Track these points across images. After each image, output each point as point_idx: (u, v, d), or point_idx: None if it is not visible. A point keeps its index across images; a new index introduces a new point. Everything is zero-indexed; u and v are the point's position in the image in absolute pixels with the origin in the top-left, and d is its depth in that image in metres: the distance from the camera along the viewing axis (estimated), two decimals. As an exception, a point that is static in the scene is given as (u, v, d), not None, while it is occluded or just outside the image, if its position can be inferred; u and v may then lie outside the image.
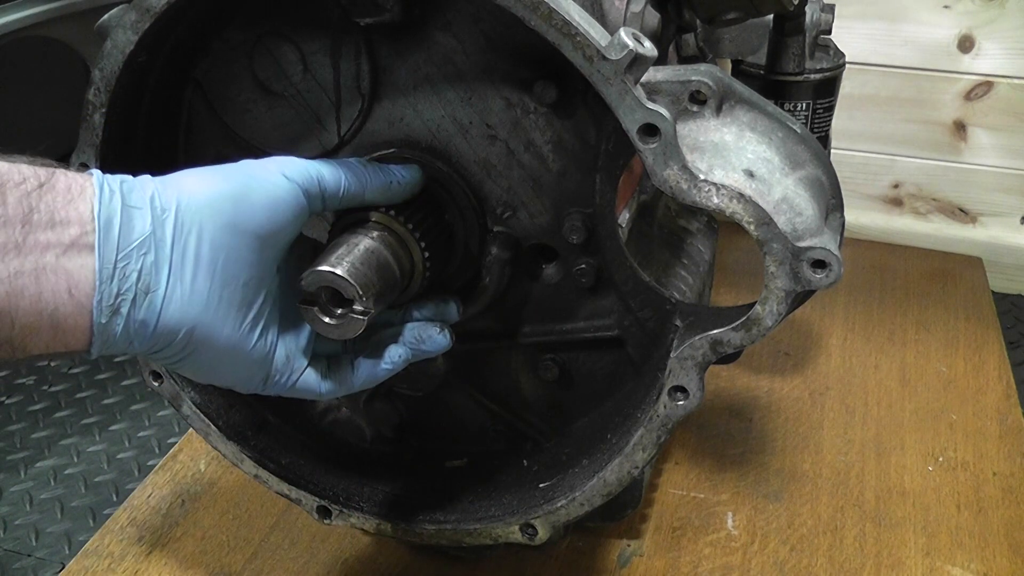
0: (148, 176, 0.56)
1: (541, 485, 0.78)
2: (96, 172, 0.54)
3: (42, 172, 0.51)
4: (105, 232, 0.51)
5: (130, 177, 0.55)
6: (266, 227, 0.58)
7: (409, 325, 0.70)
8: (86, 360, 1.57)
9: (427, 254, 0.68)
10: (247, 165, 0.61)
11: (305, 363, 0.65)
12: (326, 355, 0.67)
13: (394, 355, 0.68)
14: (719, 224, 1.04)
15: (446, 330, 0.71)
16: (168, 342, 0.56)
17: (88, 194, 0.52)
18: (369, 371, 0.68)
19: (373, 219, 0.67)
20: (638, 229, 0.89)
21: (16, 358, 0.51)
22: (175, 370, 0.62)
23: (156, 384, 0.80)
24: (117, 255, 0.52)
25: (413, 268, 0.68)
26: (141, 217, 0.53)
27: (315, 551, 0.97)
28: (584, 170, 0.71)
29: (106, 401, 1.50)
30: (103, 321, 0.52)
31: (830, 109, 1.11)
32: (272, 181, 0.60)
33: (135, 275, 0.53)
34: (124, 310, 0.53)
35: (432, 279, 0.71)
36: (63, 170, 0.53)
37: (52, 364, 1.50)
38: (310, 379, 0.65)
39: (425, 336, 0.70)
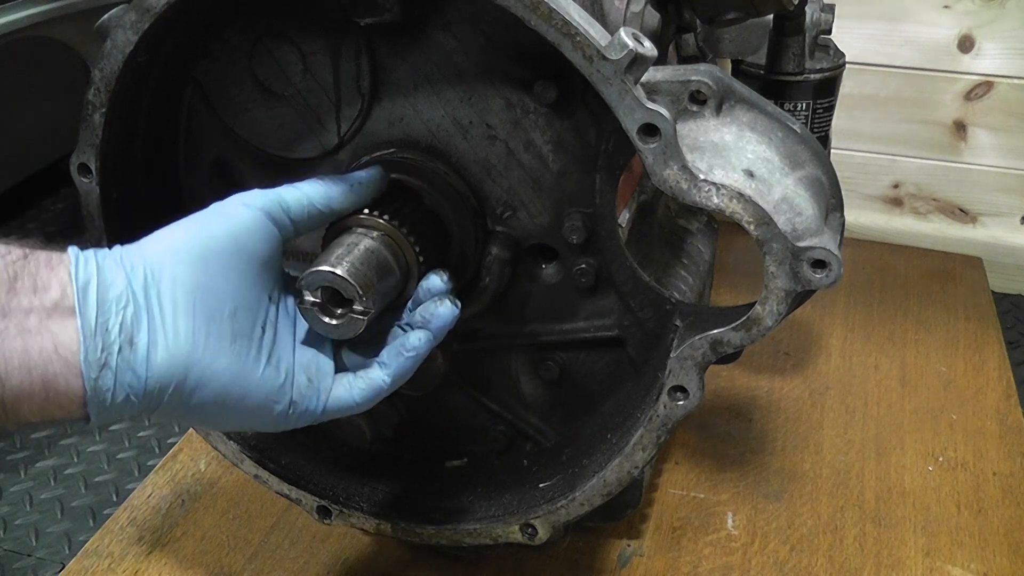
0: (117, 246, 0.58)
1: (541, 485, 0.78)
2: (72, 247, 0.56)
3: (25, 247, 0.54)
4: (83, 292, 0.53)
5: (104, 249, 0.57)
6: (235, 256, 0.59)
7: (411, 313, 0.69)
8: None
9: (421, 258, 0.68)
10: (208, 208, 0.62)
11: (330, 382, 0.64)
12: (350, 369, 0.67)
13: (414, 341, 0.67)
14: (719, 224, 1.04)
15: (446, 299, 0.69)
16: (165, 390, 0.55)
17: (66, 262, 0.54)
18: (397, 366, 0.66)
19: (367, 223, 0.67)
20: (638, 229, 0.89)
21: (10, 422, 0.52)
22: (195, 424, 0.61)
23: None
24: (97, 311, 0.53)
25: (409, 269, 0.68)
26: (115, 276, 0.55)
27: (315, 551, 0.97)
28: (584, 170, 0.71)
29: (106, 401, 1.50)
30: (93, 376, 0.52)
31: (830, 109, 1.11)
32: (230, 211, 0.61)
33: (117, 328, 0.53)
34: (112, 363, 0.53)
35: None
36: (40, 249, 0.55)
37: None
38: (341, 395, 0.64)
39: (429, 314, 0.68)
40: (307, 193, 0.64)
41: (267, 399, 0.60)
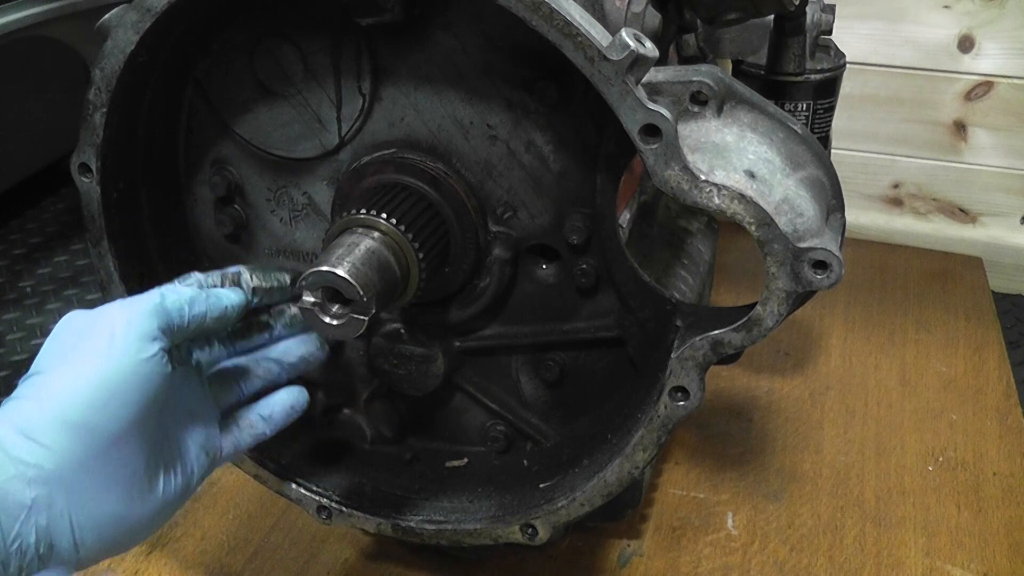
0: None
1: (541, 485, 0.78)
2: None
3: None
4: None
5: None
6: (126, 415, 0.57)
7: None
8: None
9: (422, 258, 0.68)
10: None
11: (219, 442, 0.66)
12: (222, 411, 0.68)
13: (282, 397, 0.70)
14: (719, 224, 1.04)
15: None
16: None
17: None
18: (278, 421, 0.70)
19: (368, 223, 0.67)
20: (638, 229, 0.89)
21: None
22: None
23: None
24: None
25: (410, 270, 0.68)
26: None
27: (315, 551, 0.97)
28: (585, 170, 0.71)
29: (106, 401, 1.50)
30: None
31: (830, 109, 1.11)
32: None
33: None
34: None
35: (429, 281, 0.71)
36: None
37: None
38: (230, 449, 0.67)
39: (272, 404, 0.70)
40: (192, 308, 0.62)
41: (175, 503, 0.62)
